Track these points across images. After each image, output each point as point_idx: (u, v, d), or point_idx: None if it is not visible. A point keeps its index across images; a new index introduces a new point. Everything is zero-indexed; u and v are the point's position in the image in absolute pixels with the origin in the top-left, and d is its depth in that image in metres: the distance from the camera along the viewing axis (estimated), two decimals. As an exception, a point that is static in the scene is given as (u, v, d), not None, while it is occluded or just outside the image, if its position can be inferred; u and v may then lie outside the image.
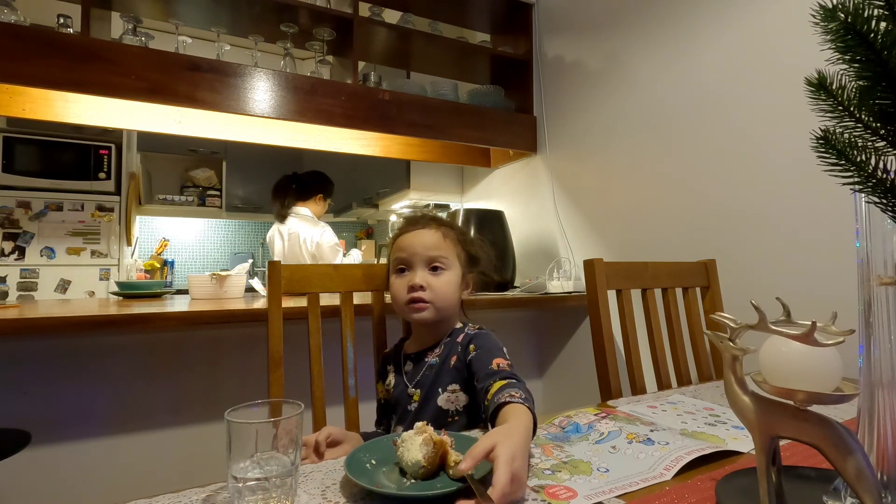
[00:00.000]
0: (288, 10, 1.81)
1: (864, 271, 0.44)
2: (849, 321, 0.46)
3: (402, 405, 0.90)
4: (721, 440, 0.66)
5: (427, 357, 0.92)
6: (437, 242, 0.90)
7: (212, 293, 1.76)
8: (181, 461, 1.42)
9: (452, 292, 0.91)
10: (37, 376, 1.30)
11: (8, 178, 3.03)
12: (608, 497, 0.50)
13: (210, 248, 4.24)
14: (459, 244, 0.94)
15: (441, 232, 0.92)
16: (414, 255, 0.90)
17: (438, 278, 0.89)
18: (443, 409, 0.86)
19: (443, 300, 0.89)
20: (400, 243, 0.93)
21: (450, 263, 0.91)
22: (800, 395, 0.43)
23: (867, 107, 0.38)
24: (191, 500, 0.51)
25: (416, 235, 0.91)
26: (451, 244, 0.92)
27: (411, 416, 0.88)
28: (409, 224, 0.95)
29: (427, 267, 0.90)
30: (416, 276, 0.88)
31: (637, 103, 1.70)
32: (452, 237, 0.93)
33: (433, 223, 0.94)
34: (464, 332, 0.91)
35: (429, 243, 0.90)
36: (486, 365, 0.80)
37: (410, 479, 0.54)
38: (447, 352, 0.90)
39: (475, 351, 0.85)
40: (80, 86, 1.46)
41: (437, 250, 0.90)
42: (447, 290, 0.89)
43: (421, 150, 2.30)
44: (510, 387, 0.70)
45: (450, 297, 0.90)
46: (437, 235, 0.91)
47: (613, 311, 1.10)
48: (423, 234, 0.91)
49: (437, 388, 0.87)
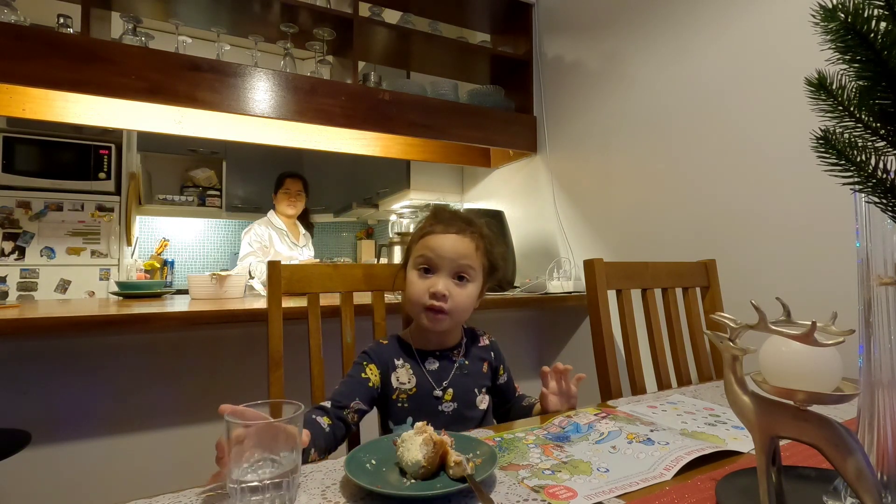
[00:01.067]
0: (288, 10, 1.81)
1: (864, 271, 0.44)
2: (849, 321, 0.46)
3: (427, 405, 0.86)
4: (721, 440, 0.66)
5: (454, 357, 0.91)
6: (469, 252, 0.87)
7: (212, 293, 1.76)
8: (181, 461, 1.42)
9: (471, 304, 0.89)
10: (37, 376, 1.30)
11: (8, 178, 3.03)
12: (608, 497, 0.50)
13: (210, 248, 4.24)
14: (487, 255, 0.91)
15: (475, 242, 0.88)
16: (443, 259, 0.85)
17: (463, 289, 0.86)
18: (480, 410, 0.89)
19: (462, 312, 0.87)
20: (429, 242, 0.87)
21: (475, 275, 0.88)
22: (800, 395, 0.43)
23: (867, 107, 0.38)
24: (191, 500, 0.51)
25: (449, 239, 0.87)
26: (480, 256, 0.89)
27: (446, 417, 0.85)
28: (442, 223, 0.89)
29: (453, 275, 0.86)
30: (439, 283, 0.84)
31: (637, 103, 1.70)
32: (482, 248, 0.90)
33: (468, 230, 0.89)
34: (482, 339, 0.97)
35: (461, 251, 0.86)
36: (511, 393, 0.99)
37: (410, 479, 0.54)
38: (473, 355, 0.93)
39: (504, 374, 0.98)
40: (80, 86, 1.46)
41: (467, 260, 0.86)
42: (468, 302, 0.87)
43: (421, 150, 2.30)
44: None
45: (469, 308, 0.88)
46: (470, 246, 0.87)
47: (613, 311, 1.10)
48: (457, 241, 0.87)
49: (473, 388, 0.90)
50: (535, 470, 0.57)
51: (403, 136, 1.99)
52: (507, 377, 0.98)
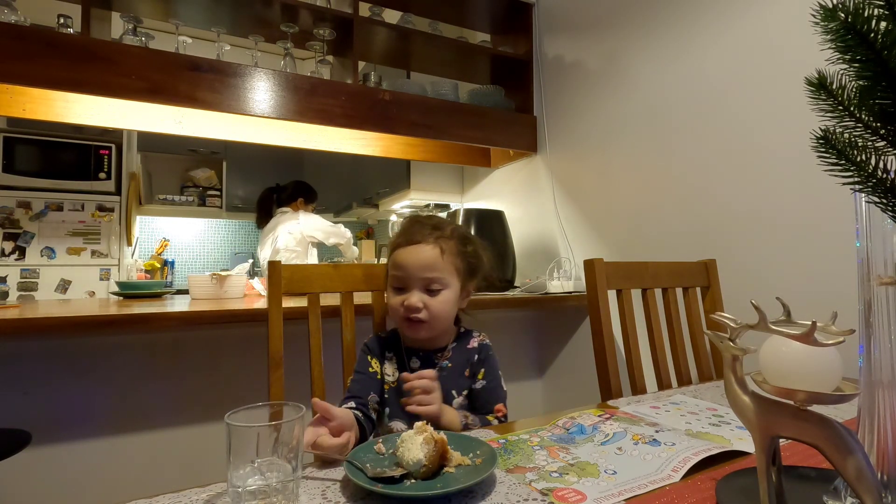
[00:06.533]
0: (288, 9, 1.80)
1: (864, 271, 0.44)
2: (849, 321, 0.46)
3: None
4: (726, 440, 0.66)
5: (436, 358, 0.91)
6: (434, 262, 0.86)
7: (212, 293, 1.76)
8: (181, 461, 1.42)
9: (450, 309, 0.88)
10: (37, 376, 1.30)
11: (8, 178, 3.03)
12: (618, 500, 0.50)
13: (210, 248, 4.24)
14: (459, 256, 0.89)
15: (439, 247, 0.87)
16: (410, 275, 0.86)
17: (436, 298, 0.86)
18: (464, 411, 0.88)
19: (440, 319, 0.87)
20: (396, 259, 0.88)
21: (448, 282, 0.87)
22: (800, 395, 0.43)
23: (867, 107, 0.37)
24: (191, 501, 0.51)
25: (413, 252, 0.87)
26: (449, 259, 0.87)
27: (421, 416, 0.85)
28: (405, 237, 0.89)
29: (423, 288, 0.86)
30: (412, 297, 0.85)
31: (637, 103, 1.69)
32: (452, 250, 0.88)
33: (431, 237, 0.87)
34: (473, 340, 0.94)
35: (426, 263, 0.85)
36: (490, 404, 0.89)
37: (410, 479, 0.54)
38: (459, 357, 0.91)
39: (484, 379, 0.91)
40: (80, 86, 1.46)
41: (434, 271, 0.85)
42: (444, 309, 0.87)
43: (421, 150, 2.30)
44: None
45: (448, 314, 0.88)
46: (434, 253, 0.86)
47: (613, 311, 1.10)
48: (420, 252, 0.86)
49: (451, 391, 0.89)
50: (541, 472, 0.57)
51: (403, 136, 1.99)
52: (489, 386, 0.90)
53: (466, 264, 0.91)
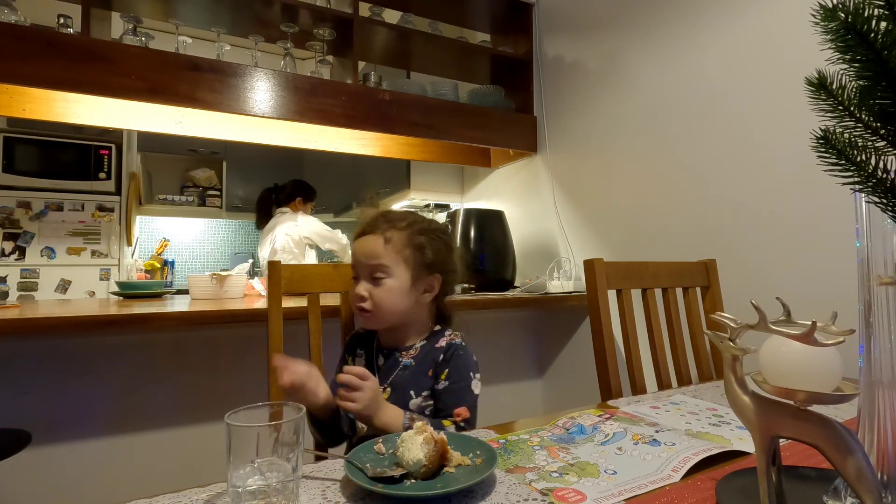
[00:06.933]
0: (288, 9, 1.80)
1: (864, 271, 0.44)
2: (849, 321, 0.46)
3: None
4: (727, 441, 0.66)
5: (400, 356, 0.90)
6: (376, 250, 0.86)
7: (212, 293, 1.76)
8: (181, 461, 1.42)
9: (396, 299, 0.87)
10: (37, 376, 1.30)
11: (8, 178, 3.03)
12: (618, 500, 0.50)
13: (210, 248, 4.24)
14: (409, 247, 0.88)
15: (384, 237, 0.87)
16: (358, 264, 0.89)
17: (379, 288, 0.86)
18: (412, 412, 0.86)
19: (385, 310, 0.86)
20: (352, 249, 0.92)
21: (392, 271, 0.86)
22: (800, 395, 0.43)
23: (867, 107, 0.37)
24: (191, 501, 0.51)
25: (359, 243, 0.89)
26: (395, 248, 0.87)
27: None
28: (359, 228, 0.92)
29: (368, 277, 0.87)
30: (358, 287, 0.87)
31: (637, 103, 1.69)
32: (400, 240, 0.87)
33: (377, 228, 0.88)
34: (443, 339, 0.91)
35: (368, 251, 0.87)
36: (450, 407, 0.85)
37: (410, 479, 0.54)
38: (424, 356, 0.89)
39: (447, 380, 0.86)
40: (80, 86, 1.46)
41: (376, 259, 0.86)
42: (388, 298, 0.86)
43: (421, 150, 2.30)
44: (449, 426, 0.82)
45: (394, 304, 0.87)
46: (377, 242, 0.87)
47: (613, 311, 1.10)
48: (365, 242, 0.88)
49: (409, 391, 0.87)
50: (542, 472, 0.57)
51: (403, 136, 1.99)
52: (451, 388, 0.86)
53: (419, 255, 0.89)
